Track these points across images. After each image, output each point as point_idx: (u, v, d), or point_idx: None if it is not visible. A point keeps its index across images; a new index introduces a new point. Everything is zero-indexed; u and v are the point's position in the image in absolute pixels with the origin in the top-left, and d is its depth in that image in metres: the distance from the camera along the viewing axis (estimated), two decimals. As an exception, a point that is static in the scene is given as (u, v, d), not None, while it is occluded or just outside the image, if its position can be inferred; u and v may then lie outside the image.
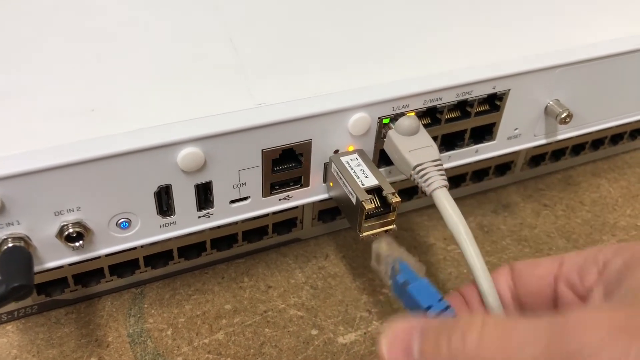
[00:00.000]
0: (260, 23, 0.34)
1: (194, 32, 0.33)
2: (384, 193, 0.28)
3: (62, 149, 0.24)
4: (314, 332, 0.32)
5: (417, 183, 0.29)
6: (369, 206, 0.27)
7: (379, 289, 0.34)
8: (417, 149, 0.29)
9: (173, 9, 0.35)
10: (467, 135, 0.33)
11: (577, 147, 0.42)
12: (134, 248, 0.30)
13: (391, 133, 0.29)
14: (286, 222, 0.35)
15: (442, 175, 0.28)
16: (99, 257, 0.30)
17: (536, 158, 0.41)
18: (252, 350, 0.31)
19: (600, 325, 0.16)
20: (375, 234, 0.29)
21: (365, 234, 0.28)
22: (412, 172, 0.28)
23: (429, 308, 0.22)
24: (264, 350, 0.31)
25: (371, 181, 0.28)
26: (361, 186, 0.28)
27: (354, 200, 0.28)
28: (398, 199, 0.28)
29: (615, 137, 0.43)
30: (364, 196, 0.28)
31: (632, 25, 0.35)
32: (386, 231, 0.29)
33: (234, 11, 0.35)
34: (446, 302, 0.22)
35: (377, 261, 0.24)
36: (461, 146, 0.33)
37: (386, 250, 0.24)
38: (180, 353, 0.31)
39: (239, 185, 0.28)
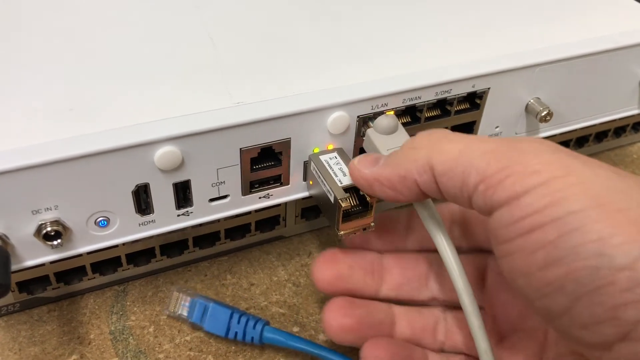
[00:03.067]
0: (241, 21, 0.34)
1: (174, 30, 0.33)
2: (362, 192, 0.28)
3: (39, 148, 0.24)
4: (296, 329, 0.32)
5: (395, 181, 0.29)
6: (346, 205, 0.27)
7: (360, 286, 0.34)
8: (395, 148, 0.29)
9: (152, 7, 0.35)
10: (447, 134, 0.33)
11: (562, 144, 0.42)
12: (116, 246, 0.30)
13: (370, 132, 0.29)
14: (269, 220, 0.35)
15: (419, 173, 0.28)
16: (81, 255, 0.30)
17: (520, 155, 0.41)
18: (233, 347, 0.31)
19: None
20: (354, 232, 0.29)
21: (343, 232, 0.28)
22: (390, 170, 0.29)
23: (232, 314, 0.30)
24: (246, 347, 0.31)
25: (349, 180, 0.28)
26: (339, 185, 0.28)
27: (332, 199, 0.28)
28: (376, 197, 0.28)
29: (600, 134, 0.43)
30: (342, 195, 0.28)
31: (612, 24, 0.36)
32: (364, 229, 0.29)
33: (214, 9, 0.35)
34: (238, 311, 0.31)
35: (174, 311, 0.31)
36: (442, 144, 0.33)
37: (178, 297, 0.32)
38: (162, 350, 0.31)
39: (217, 184, 0.29)
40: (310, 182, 0.31)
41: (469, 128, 0.34)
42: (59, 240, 0.26)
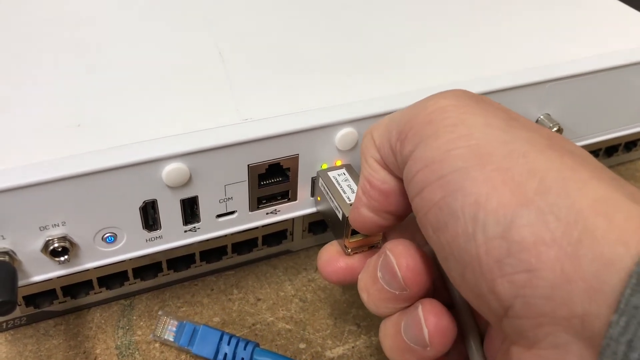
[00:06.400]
0: (250, 37, 0.34)
1: (182, 45, 0.33)
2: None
3: (47, 164, 0.24)
4: (302, 345, 0.32)
5: (404, 199, 0.28)
6: (354, 222, 0.27)
7: (368, 302, 0.34)
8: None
9: (161, 22, 0.35)
10: (456, 150, 0.33)
11: (571, 159, 0.42)
12: (123, 260, 0.30)
13: (378, 148, 0.29)
14: (276, 234, 0.35)
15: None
16: (88, 270, 0.30)
17: (529, 170, 0.40)
18: (239, 364, 0.31)
19: None
20: (362, 250, 0.28)
21: (351, 249, 0.28)
22: (398, 187, 0.28)
23: (222, 336, 0.30)
24: (251, 364, 0.31)
25: (358, 196, 0.28)
26: (347, 202, 0.28)
27: (340, 216, 0.28)
28: (384, 214, 0.28)
29: (610, 149, 0.43)
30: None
31: (622, 40, 0.35)
32: (372, 247, 0.29)
33: (223, 25, 0.35)
34: (228, 333, 0.30)
35: (160, 336, 0.31)
36: (451, 160, 0.33)
37: (165, 320, 0.31)
38: (167, 366, 0.31)
39: (225, 200, 0.29)
40: (318, 198, 0.31)
41: (478, 144, 0.33)
42: (66, 256, 0.26)
